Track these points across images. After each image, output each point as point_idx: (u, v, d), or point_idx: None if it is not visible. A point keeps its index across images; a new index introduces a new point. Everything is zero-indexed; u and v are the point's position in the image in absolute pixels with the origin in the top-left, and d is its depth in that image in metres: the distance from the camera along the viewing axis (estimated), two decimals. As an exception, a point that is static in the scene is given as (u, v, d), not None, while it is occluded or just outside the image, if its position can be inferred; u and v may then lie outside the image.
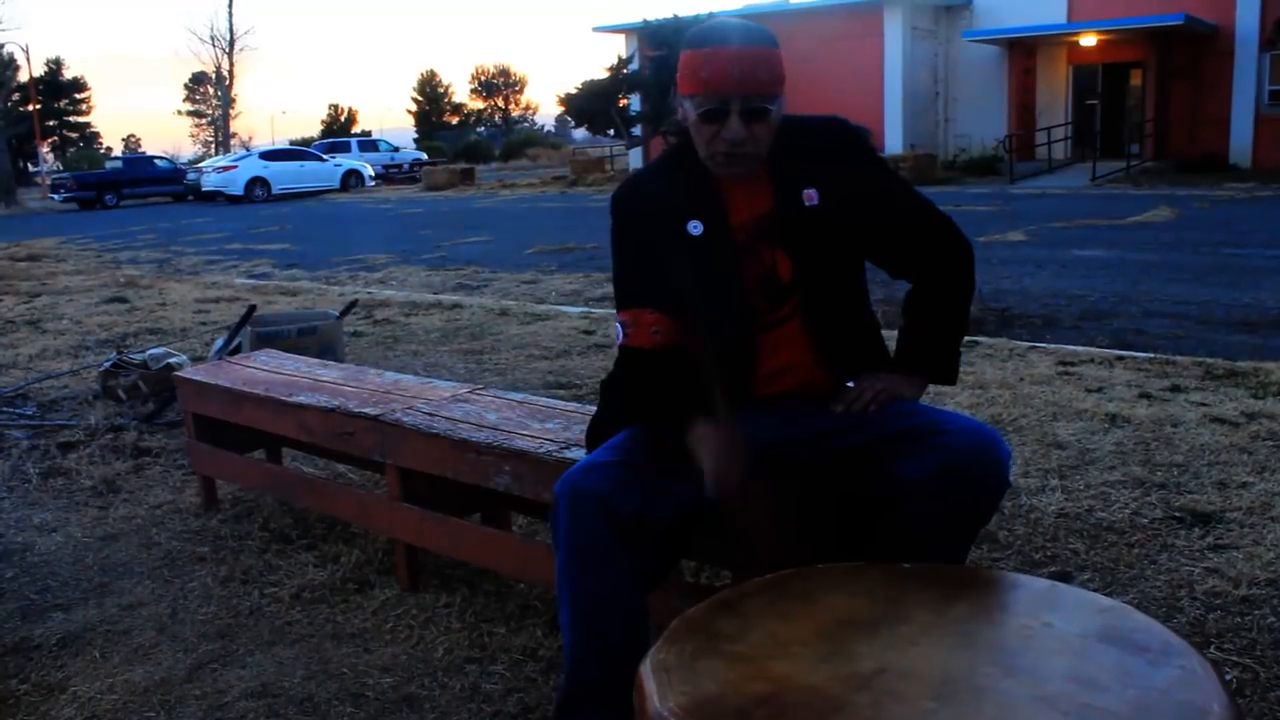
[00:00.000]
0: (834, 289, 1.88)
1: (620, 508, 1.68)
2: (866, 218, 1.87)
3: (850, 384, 1.87)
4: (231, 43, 48.16)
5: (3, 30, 57.33)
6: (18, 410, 4.75)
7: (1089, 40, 23.12)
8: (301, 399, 2.92)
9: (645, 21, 27.54)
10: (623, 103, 28.62)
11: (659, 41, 26.14)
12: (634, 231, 1.92)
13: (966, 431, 1.70)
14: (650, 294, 1.86)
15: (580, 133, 46.09)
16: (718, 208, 1.85)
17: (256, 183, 28.14)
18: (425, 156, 40.08)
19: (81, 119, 61.88)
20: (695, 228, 1.84)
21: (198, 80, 64.74)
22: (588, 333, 6.14)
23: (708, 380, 1.73)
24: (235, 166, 29.01)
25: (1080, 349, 5.24)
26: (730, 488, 1.69)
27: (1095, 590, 2.42)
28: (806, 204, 1.84)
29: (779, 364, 1.87)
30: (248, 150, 38.64)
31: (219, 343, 5.08)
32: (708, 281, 1.84)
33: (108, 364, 4.99)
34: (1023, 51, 24.37)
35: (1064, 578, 2.56)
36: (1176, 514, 2.94)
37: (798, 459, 1.86)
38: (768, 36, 1.78)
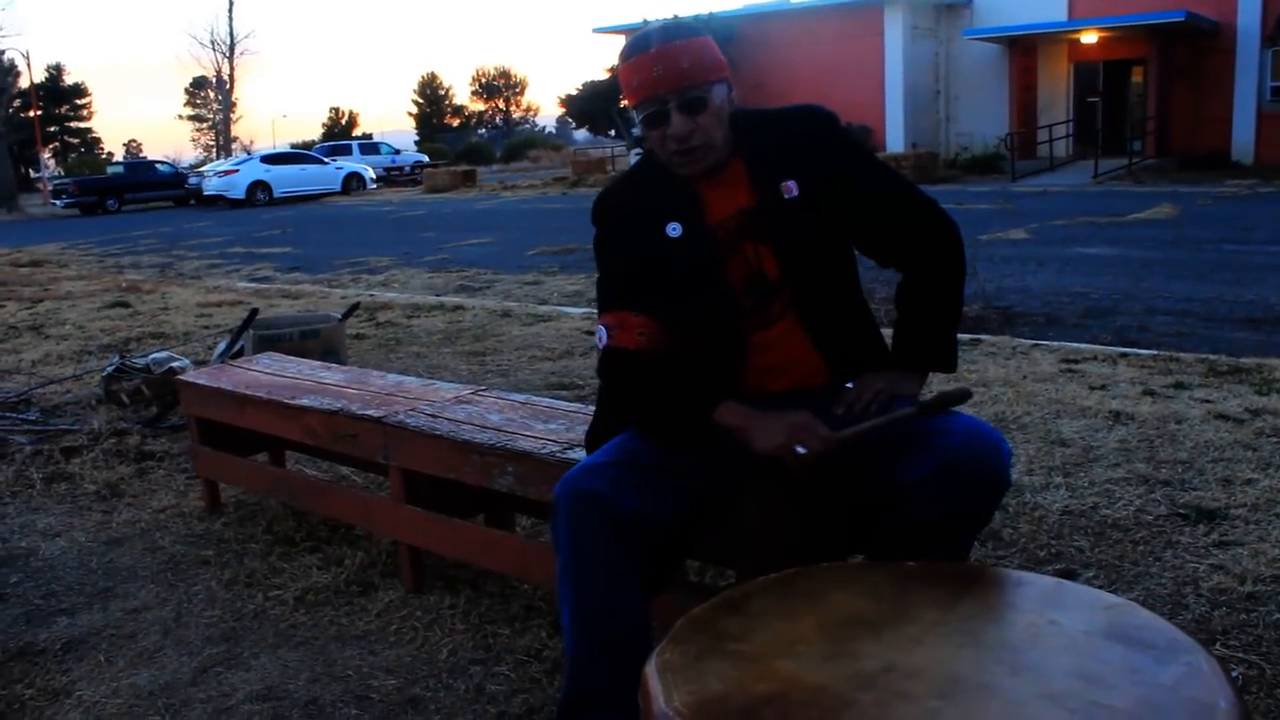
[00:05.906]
0: (823, 282, 1.86)
1: (620, 507, 1.67)
2: (848, 205, 1.85)
3: (849, 385, 1.85)
4: (232, 47, 48.37)
5: (3, 36, 57.70)
6: (21, 415, 4.75)
7: (1090, 38, 23.10)
8: (304, 402, 2.92)
9: (645, 22, 27.54)
10: (624, 103, 28.60)
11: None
12: (616, 237, 1.92)
13: (966, 432, 1.68)
14: (636, 298, 1.86)
15: (581, 134, 46.15)
16: (695, 208, 1.84)
17: (258, 186, 28.16)
18: (426, 159, 40.10)
19: (83, 124, 61.90)
20: (674, 229, 1.84)
21: (198, 85, 64.86)
22: (590, 333, 6.13)
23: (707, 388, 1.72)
24: (236, 170, 29.02)
25: (1083, 346, 5.24)
26: (814, 442, 1.66)
27: (1100, 588, 2.42)
28: (786, 196, 1.83)
29: (775, 361, 1.86)
30: (249, 154, 38.65)
31: (221, 346, 5.09)
32: (689, 283, 1.83)
33: (110, 368, 5.00)
34: (1023, 49, 24.34)
35: (1069, 575, 2.56)
36: (1181, 511, 2.94)
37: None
38: (688, 28, 1.78)
